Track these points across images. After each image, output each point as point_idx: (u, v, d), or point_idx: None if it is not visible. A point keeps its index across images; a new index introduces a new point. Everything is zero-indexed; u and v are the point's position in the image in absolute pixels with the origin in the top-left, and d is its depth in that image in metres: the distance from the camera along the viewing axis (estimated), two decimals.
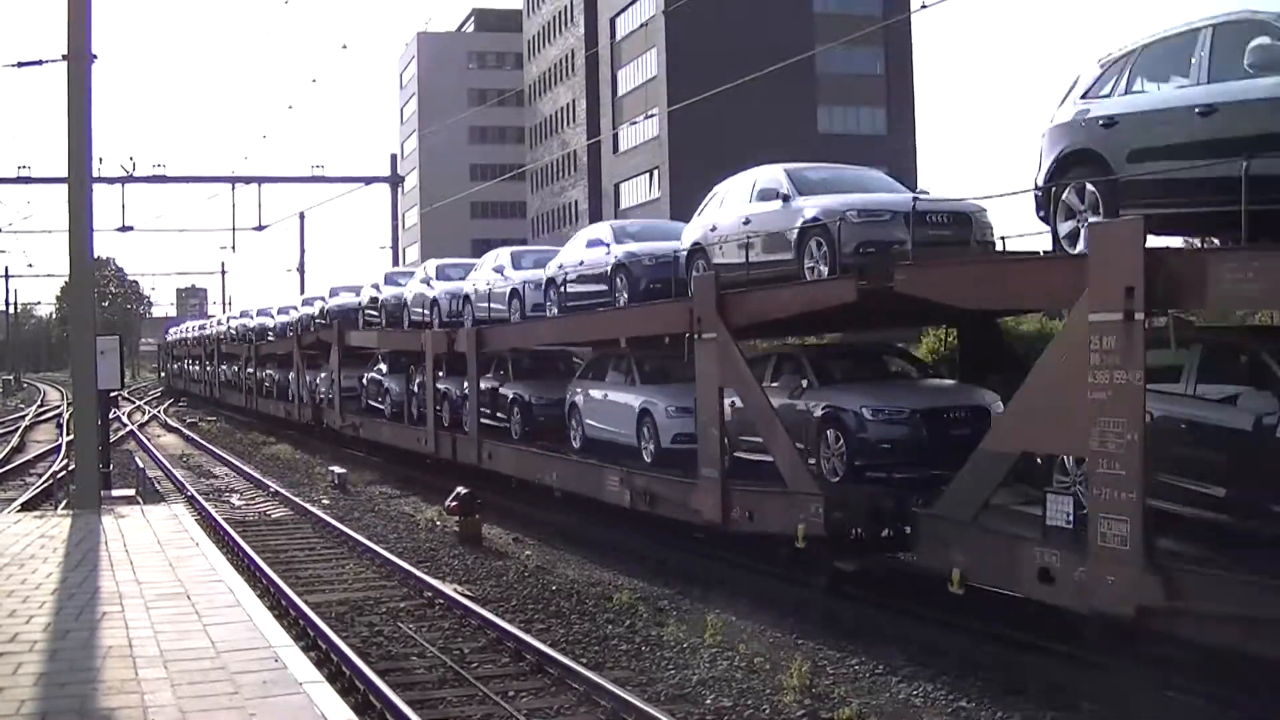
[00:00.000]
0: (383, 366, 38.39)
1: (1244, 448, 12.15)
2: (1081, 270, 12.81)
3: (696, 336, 19.19)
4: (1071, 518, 13.25)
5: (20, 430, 53.68)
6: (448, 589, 18.59)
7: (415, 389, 33.90)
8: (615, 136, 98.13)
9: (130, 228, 60.10)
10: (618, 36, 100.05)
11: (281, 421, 51.13)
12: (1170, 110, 12.66)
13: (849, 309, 17.03)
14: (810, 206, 17.91)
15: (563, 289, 25.07)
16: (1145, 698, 12.51)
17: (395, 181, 64.09)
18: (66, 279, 39.45)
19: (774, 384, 19.23)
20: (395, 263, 62.85)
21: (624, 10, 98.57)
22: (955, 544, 14.58)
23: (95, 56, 19.01)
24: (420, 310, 33.85)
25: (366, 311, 39.84)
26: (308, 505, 28.54)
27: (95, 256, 21.56)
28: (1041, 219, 14.16)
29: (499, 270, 28.86)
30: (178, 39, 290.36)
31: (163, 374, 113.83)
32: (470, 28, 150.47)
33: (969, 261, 16.12)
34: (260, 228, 62.30)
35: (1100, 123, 13.33)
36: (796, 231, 17.84)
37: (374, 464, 37.20)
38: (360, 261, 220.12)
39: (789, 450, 17.49)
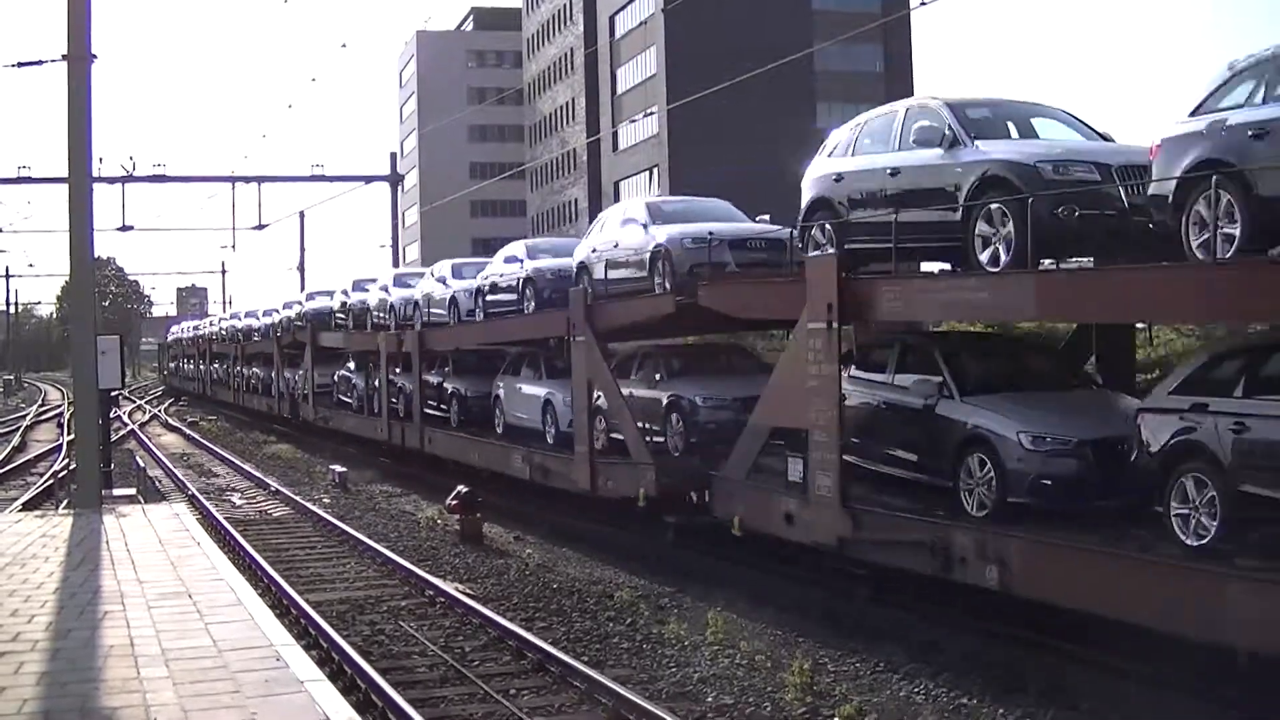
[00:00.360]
0: (351, 365, 42.49)
1: (918, 422, 16.15)
2: (803, 291, 16.88)
3: (571, 339, 23.50)
4: (802, 475, 17.12)
5: (21, 430, 53.64)
6: (449, 587, 18.62)
7: (375, 384, 37.85)
8: (615, 135, 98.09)
9: (130, 227, 59.99)
10: (617, 34, 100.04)
11: (274, 418, 52.63)
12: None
13: (676, 316, 21.04)
14: (661, 233, 21.53)
15: (485, 297, 29.22)
16: (1145, 697, 12.53)
17: (395, 180, 64.02)
18: (67, 279, 39.49)
19: (636, 377, 23.52)
20: (395, 261, 62.86)
21: (623, 8, 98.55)
22: (736, 498, 19.07)
23: (95, 56, 19.01)
24: (380, 314, 38.27)
25: (336, 315, 44.10)
26: (308, 504, 28.57)
27: (96, 256, 21.56)
28: None
29: (441, 280, 32.81)
30: (177, 39, 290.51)
31: (163, 373, 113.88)
32: (469, 26, 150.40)
33: (743, 282, 20.17)
34: (260, 227, 62.24)
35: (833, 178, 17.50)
36: (649, 254, 21.52)
37: (374, 463, 37.21)
38: (360, 260, 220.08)
39: (633, 430, 21.74)
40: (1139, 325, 20.21)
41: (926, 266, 17.64)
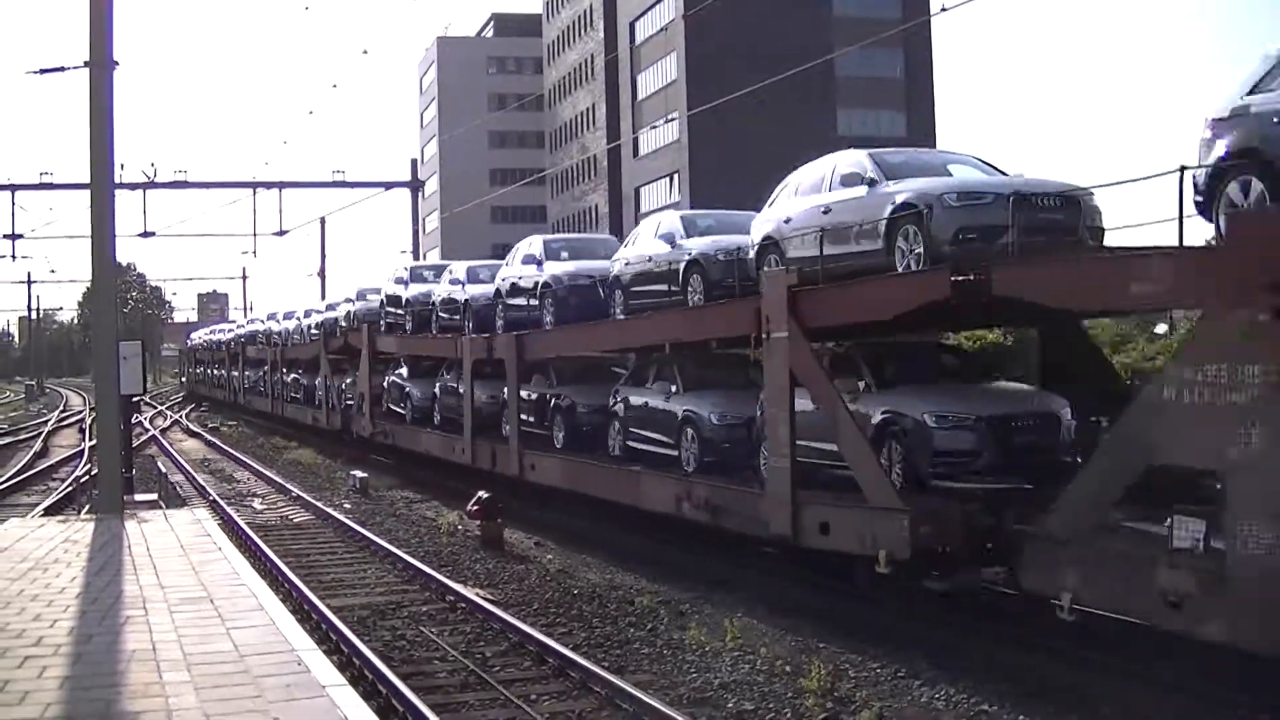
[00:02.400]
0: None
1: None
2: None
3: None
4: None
5: (43, 435, 53.90)
6: (469, 593, 18.62)
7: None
8: (635, 140, 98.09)
9: (152, 233, 60.29)
10: (637, 41, 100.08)
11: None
12: None
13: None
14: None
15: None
16: (1167, 704, 12.48)
17: (416, 186, 64.26)
18: (89, 285, 39.58)
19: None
20: None
21: (643, 14, 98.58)
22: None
23: (117, 63, 19.07)
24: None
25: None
26: (329, 509, 28.60)
27: (117, 262, 21.62)
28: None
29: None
30: (199, 45, 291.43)
31: (184, 379, 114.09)
32: (490, 33, 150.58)
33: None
34: (281, 233, 62.53)
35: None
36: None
37: (395, 468, 37.23)
38: (381, 266, 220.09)
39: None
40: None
41: None
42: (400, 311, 37.62)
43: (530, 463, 27.14)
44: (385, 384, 39.12)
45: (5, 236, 60.49)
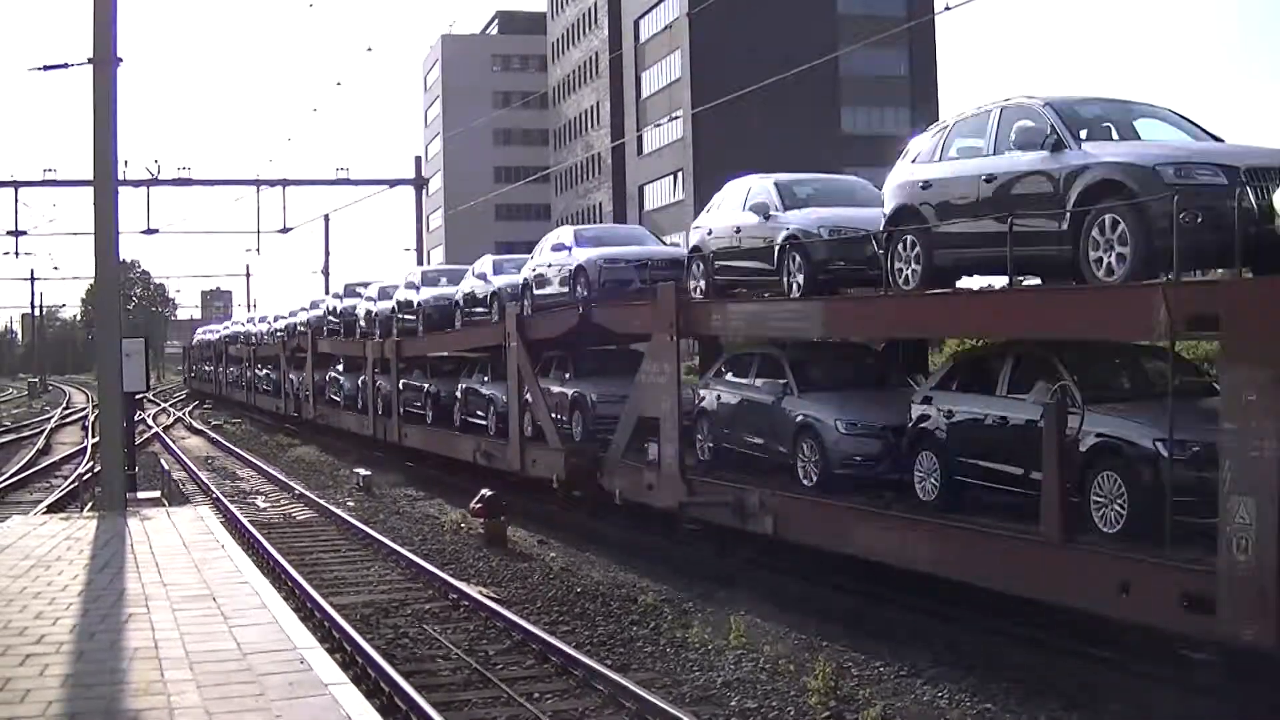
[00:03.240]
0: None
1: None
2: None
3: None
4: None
5: (46, 432, 53.91)
6: (473, 591, 18.62)
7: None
8: (639, 139, 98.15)
9: (155, 230, 60.05)
10: (642, 39, 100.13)
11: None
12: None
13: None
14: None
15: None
16: (1171, 701, 12.46)
17: (420, 184, 64.10)
18: (92, 281, 39.55)
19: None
20: (420, 264, 62.83)
21: (648, 12, 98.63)
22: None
23: (121, 60, 19.03)
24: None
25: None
26: (332, 507, 28.60)
27: (121, 259, 21.60)
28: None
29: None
30: (202, 42, 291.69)
31: (187, 376, 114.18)
32: (494, 30, 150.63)
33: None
34: (285, 230, 62.36)
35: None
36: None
37: (399, 466, 37.24)
38: (385, 263, 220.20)
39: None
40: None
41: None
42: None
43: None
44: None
45: (9, 233, 60.24)
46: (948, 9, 24.69)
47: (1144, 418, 13.14)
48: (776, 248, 19.10)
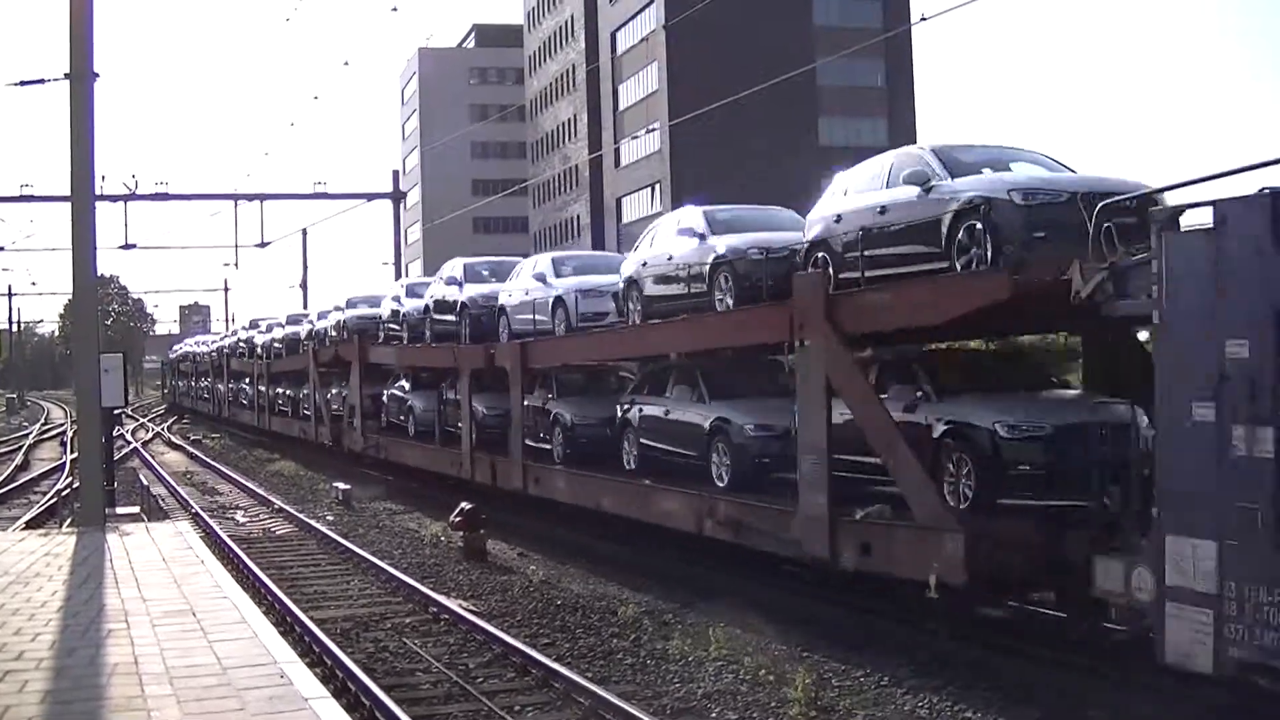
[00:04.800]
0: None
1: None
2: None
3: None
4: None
5: (24, 448, 53.73)
6: (453, 604, 18.60)
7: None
8: (617, 151, 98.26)
9: (133, 245, 60.01)
10: (618, 51, 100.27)
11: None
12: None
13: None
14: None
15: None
16: (1152, 709, 12.49)
17: (397, 197, 64.17)
18: (70, 297, 39.49)
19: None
20: (398, 278, 62.64)
21: (624, 25, 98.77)
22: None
23: (97, 75, 19.06)
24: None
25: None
26: (312, 521, 28.55)
27: (98, 274, 21.59)
28: None
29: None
30: (180, 57, 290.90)
31: (166, 391, 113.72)
32: (471, 43, 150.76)
33: None
34: (263, 245, 62.23)
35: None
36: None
37: (378, 480, 37.14)
38: (363, 278, 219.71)
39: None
40: None
41: None
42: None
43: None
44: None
45: None
46: (924, 19, 24.84)
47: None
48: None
